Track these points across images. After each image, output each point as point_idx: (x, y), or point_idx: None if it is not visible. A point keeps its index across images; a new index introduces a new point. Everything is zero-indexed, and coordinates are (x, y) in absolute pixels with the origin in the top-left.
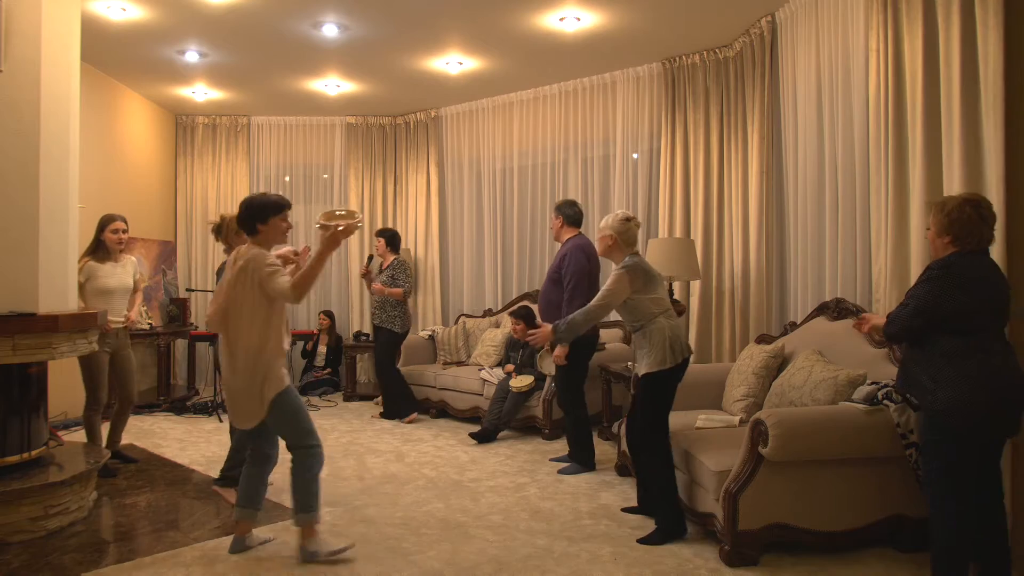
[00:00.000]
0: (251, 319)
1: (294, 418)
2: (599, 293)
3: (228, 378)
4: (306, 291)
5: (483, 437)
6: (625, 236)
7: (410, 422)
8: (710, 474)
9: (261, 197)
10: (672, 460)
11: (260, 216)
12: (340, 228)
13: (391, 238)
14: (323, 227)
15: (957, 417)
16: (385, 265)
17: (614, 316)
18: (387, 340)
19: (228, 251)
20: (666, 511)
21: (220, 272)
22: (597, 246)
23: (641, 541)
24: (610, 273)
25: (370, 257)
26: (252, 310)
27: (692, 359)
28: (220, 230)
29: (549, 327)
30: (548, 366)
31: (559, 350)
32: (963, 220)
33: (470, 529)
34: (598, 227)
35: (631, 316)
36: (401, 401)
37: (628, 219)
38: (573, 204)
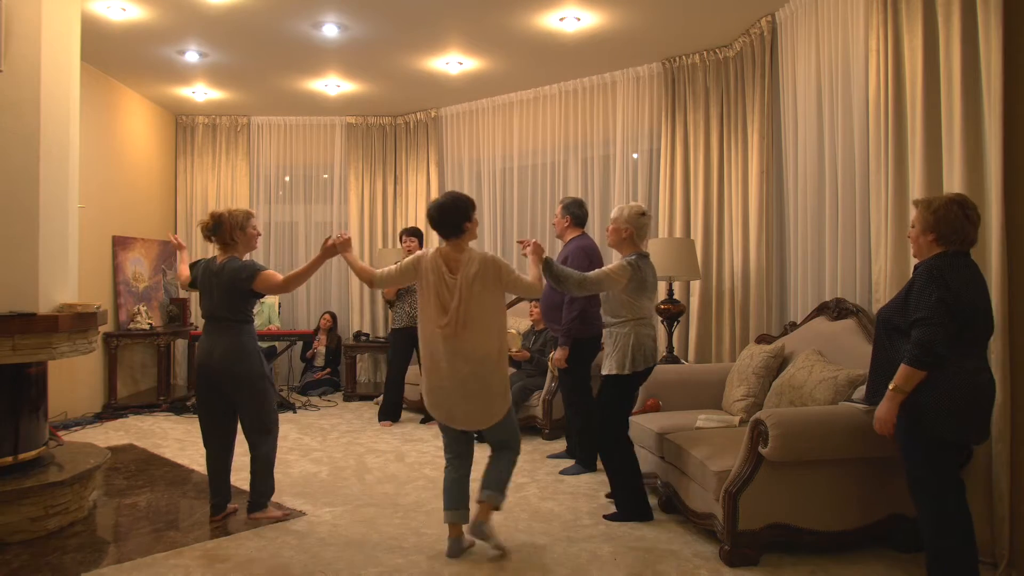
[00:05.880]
0: (479, 325)
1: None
2: (599, 269)
3: (461, 389)
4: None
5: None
6: (640, 230)
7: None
8: (710, 474)
9: (457, 195)
10: (632, 453)
11: (467, 214)
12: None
13: (421, 237)
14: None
15: (931, 421)
16: None
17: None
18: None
19: (226, 249)
20: (628, 496)
21: (210, 270)
22: (608, 237)
23: (606, 517)
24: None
25: None
26: (479, 315)
27: (692, 359)
28: (220, 227)
29: (537, 243)
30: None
31: (559, 353)
32: (949, 219)
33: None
34: (611, 217)
35: (610, 309)
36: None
37: (644, 213)
38: (581, 204)
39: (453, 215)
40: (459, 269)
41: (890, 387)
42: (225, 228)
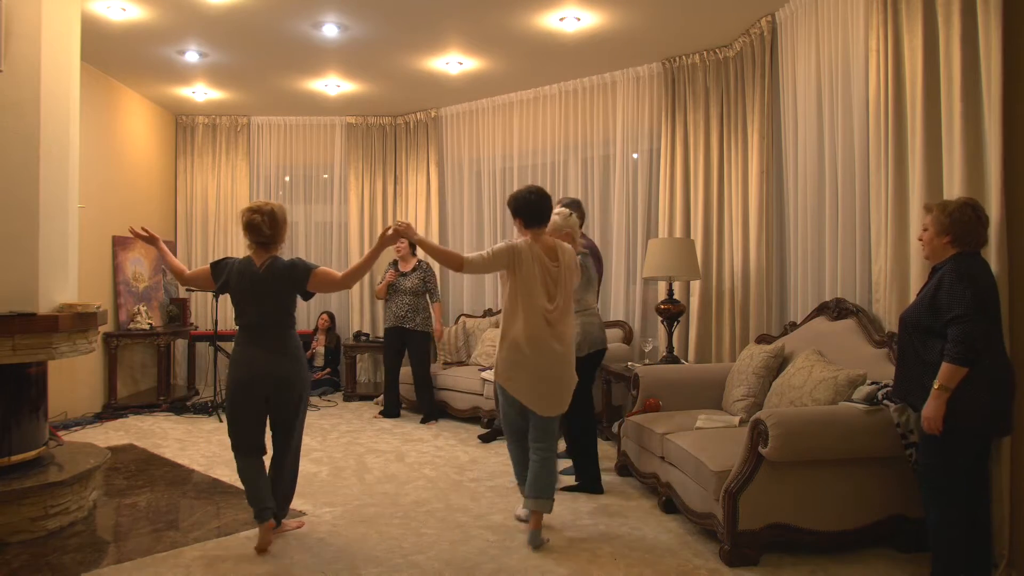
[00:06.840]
0: (572, 310)
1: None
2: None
3: (552, 369)
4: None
5: (489, 438)
6: (575, 227)
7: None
8: (710, 474)
9: (541, 188)
10: (595, 429)
11: (552, 206)
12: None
13: None
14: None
15: (961, 416)
16: (409, 268)
17: (616, 316)
18: (427, 343)
19: (266, 249)
20: (587, 469)
21: (249, 273)
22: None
23: (564, 489)
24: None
25: (394, 262)
26: (571, 301)
27: (692, 359)
28: (276, 222)
29: None
30: None
31: None
32: (964, 221)
33: (470, 529)
34: (557, 227)
35: None
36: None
37: (572, 212)
38: (579, 204)
39: (546, 206)
40: (557, 257)
41: (935, 386)
42: (280, 224)
